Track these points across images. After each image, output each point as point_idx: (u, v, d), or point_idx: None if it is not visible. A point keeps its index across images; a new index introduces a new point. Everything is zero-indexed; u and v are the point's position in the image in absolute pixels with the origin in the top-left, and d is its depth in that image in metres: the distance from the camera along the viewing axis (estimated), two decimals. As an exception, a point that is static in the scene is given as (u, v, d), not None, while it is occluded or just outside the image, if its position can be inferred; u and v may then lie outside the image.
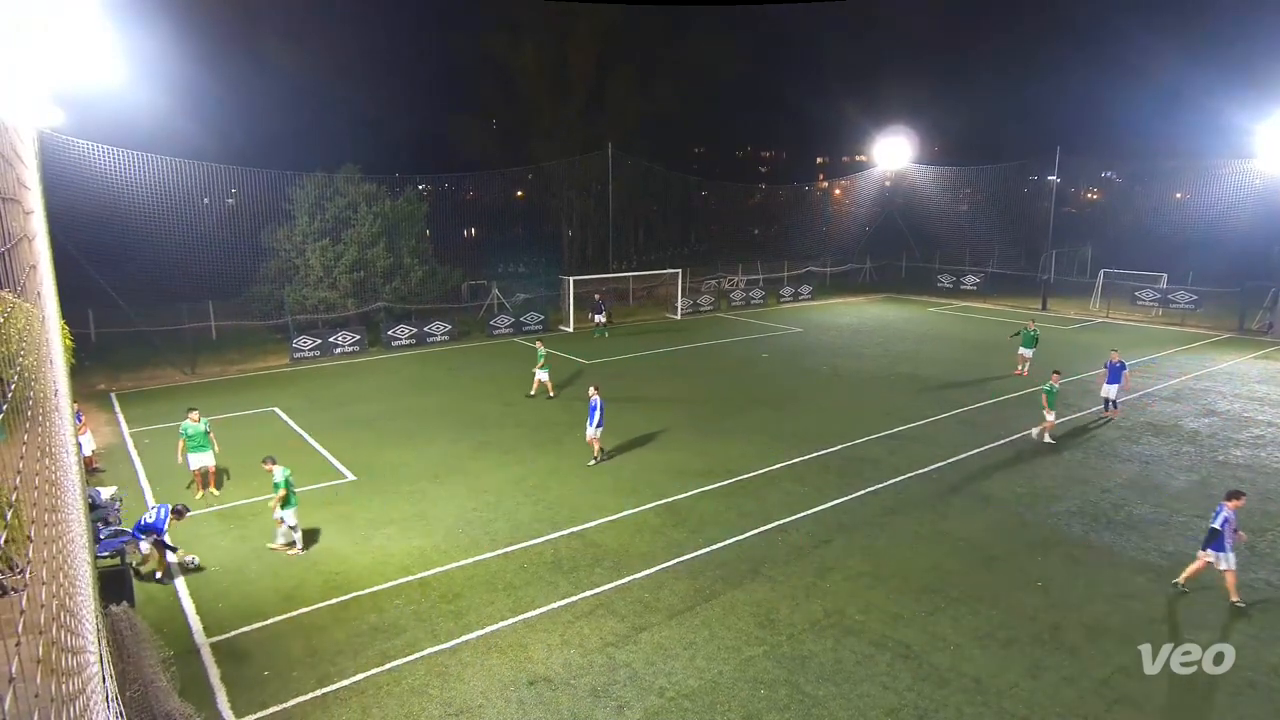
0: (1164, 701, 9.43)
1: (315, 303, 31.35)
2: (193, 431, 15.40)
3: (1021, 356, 25.56)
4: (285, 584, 12.16)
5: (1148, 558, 13.12)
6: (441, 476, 16.78)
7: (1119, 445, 18.83)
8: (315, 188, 31.66)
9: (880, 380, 25.47)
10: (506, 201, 50.63)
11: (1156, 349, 30.31)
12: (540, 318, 34.79)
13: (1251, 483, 16.38)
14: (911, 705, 9.32)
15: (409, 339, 31.04)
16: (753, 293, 42.75)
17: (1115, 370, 20.60)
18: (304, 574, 12.43)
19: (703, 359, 28.99)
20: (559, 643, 10.59)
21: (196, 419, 15.51)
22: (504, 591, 11.92)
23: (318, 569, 12.64)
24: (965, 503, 15.36)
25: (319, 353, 28.84)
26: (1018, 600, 11.70)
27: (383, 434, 19.63)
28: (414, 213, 34.34)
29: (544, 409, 21.97)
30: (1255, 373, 26.43)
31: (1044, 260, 43.80)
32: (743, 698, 9.47)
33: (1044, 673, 9.96)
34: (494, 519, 14.56)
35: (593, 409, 17.17)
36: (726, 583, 12.19)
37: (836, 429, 19.73)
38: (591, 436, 17.27)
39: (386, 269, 32.43)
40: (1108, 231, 52.94)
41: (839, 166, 71.96)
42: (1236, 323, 34.45)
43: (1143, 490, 16.03)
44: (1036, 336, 25.64)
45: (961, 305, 43.31)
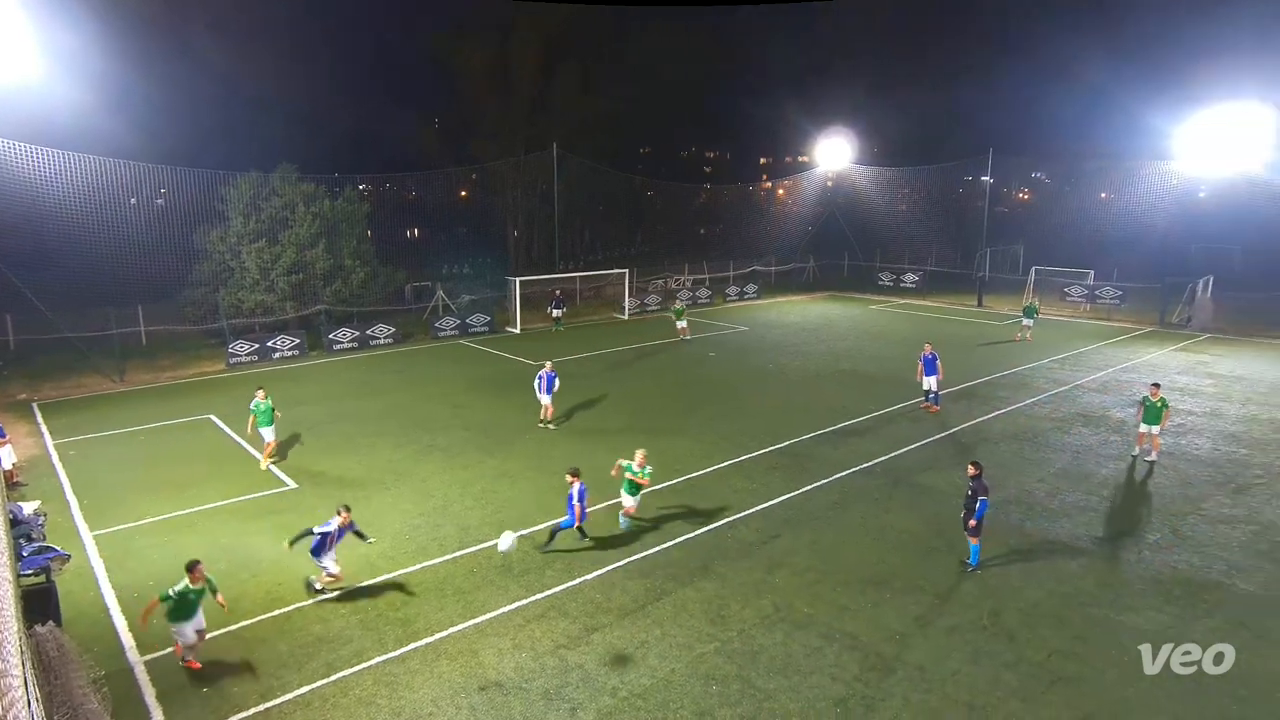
0: (1099, 681, 9.82)
1: (252, 306, 30.43)
2: (264, 408, 17.14)
3: (1024, 326, 31.76)
4: (225, 597, 11.76)
5: (1079, 544, 13.65)
6: (387, 482, 16.46)
7: (1051, 436, 19.54)
8: (250, 187, 30.74)
9: (824, 377, 25.93)
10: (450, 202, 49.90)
11: (1085, 343, 31.57)
12: (486, 319, 34.42)
13: (1174, 469, 17.21)
14: (859, 695, 9.52)
15: (351, 342, 30.37)
16: (699, 292, 43.05)
17: (930, 362, 21.14)
18: (244, 586, 12.05)
19: (651, 358, 29.08)
20: (510, 647, 10.50)
21: (264, 396, 17.29)
22: (453, 597, 11.76)
23: (259, 580, 12.27)
24: (907, 495, 15.75)
25: (257, 357, 27.99)
26: (959, 589, 12.05)
27: (325, 440, 19.16)
28: (354, 213, 33.62)
29: (493, 410, 21.75)
30: (1176, 364, 27.74)
31: (979, 258, 45.20)
32: (695, 694, 9.53)
33: (985, 658, 10.28)
34: (442, 524, 14.35)
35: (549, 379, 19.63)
36: (677, 581, 12.26)
37: (783, 426, 20.02)
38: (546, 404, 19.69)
39: (326, 271, 31.68)
40: (1038, 230, 54.90)
41: (782, 167, 72.93)
42: (1158, 317, 36.10)
43: (1074, 479, 16.68)
44: (1036, 309, 31.89)
45: (902, 303, 44.39)
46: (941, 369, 21.38)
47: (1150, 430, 17.34)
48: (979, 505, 12.24)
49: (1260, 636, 10.79)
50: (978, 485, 12.32)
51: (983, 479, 12.41)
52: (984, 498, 12.26)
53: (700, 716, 9.14)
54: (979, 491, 12.27)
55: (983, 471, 12.53)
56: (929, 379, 21.27)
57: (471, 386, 24.73)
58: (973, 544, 12.51)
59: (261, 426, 17.22)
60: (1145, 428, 17.41)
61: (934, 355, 21.31)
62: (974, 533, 12.41)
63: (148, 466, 17.34)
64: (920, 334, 33.11)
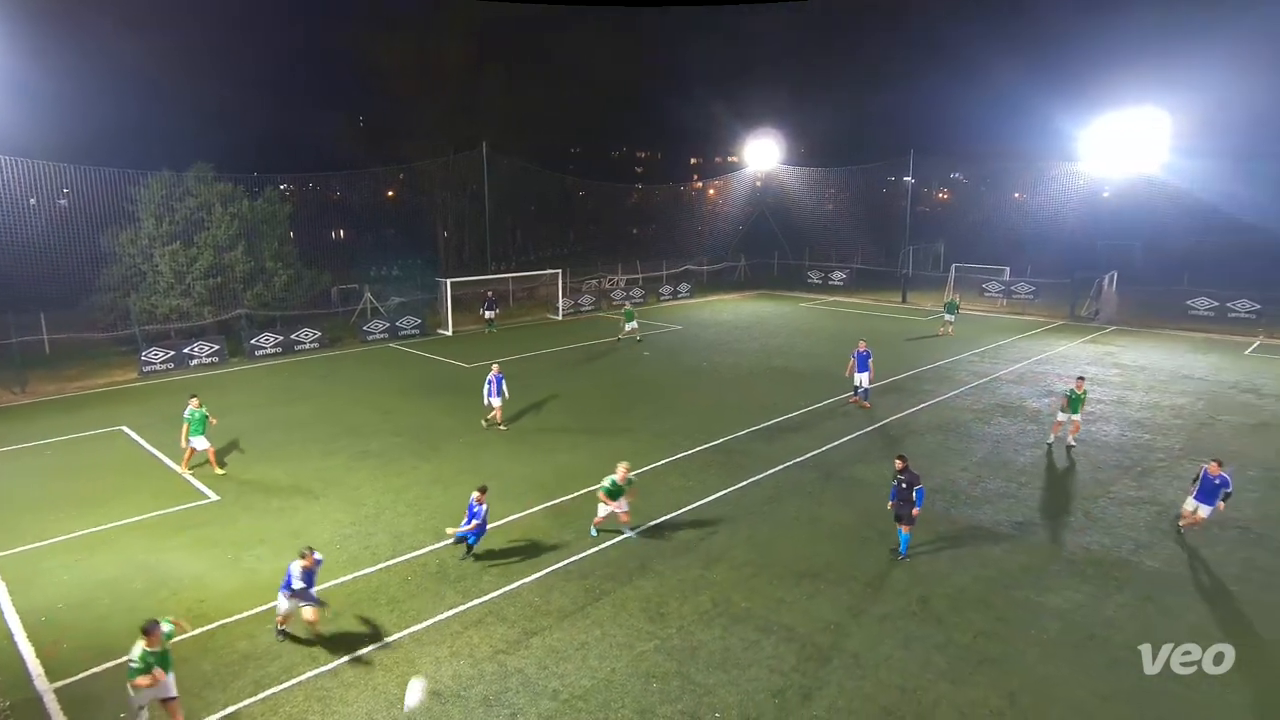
0: (1021, 660, 10.26)
1: (167, 311, 29.11)
2: (199, 416, 16.78)
3: (946, 322, 33.26)
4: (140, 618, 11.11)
5: (1001, 529, 14.24)
6: (316, 491, 15.97)
7: (973, 426, 20.32)
8: (162, 187, 29.37)
9: (757, 374, 26.35)
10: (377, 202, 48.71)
11: (1002, 336, 32.94)
12: (417, 321, 33.74)
13: (1085, 454, 18.12)
14: (796, 685, 9.71)
15: (275, 347, 29.34)
16: (633, 292, 43.16)
17: (863, 359, 21.69)
18: (163, 604, 11.49)
19: (585, 359, 29.01)
20: (448, 654, 10.32)
21: (198, 404, 16.88)
22: (387, 606, 11.49)
23: (179, 598, 11.73)
24: (839, 488, 16.14)
25: (173, 365, 26.76)
26: (888, 577, 12.42)
27: (249, 449, 18.45)
28: (276, 214, 32.48)
29: (426, 414, 21.33)
30: (1085, 355, 29.22)
31: (903, 256, 46.66)
32: (636, 693, 9.55)
33: (915, 642, 10.62)
34: (374, 532, 14.00)
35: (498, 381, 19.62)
36: (616, 580, 12.26)
37: (717, 423, 20.25)
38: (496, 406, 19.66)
39: (247, 273, 30.53)
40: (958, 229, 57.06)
41: (712, 167, 73.70)
42: (1069, 310, 37.96)
43: (994, 467, 17.38)
44: (957, 305, 33.89)
45: (831, 300, 45.47)
46: (873, 366, 21.96)
47: (1071, 418, 18.20)
48: (917, 494, 12.65)
49: (1164, 611, 11.46)
50: (910, 476, 12.71)
51: (910, 470, 12.81)
52: (920, 486, 12.69)
53: (641, 715, 9.17)
54: (913, 482, 12.68)
55: (909, 463, 12.94)
56: (861, 375, 21.76)
57: (403, 391, 24.20)
58: (904, 533, 12.91)
59: (194, 435, 16.76)
60: (1065, 416, 18.26)
61: (868, 352, 21.83)
62: (910, 521, 12.80)
63: (55, 482, 16.40)
64: (848, 330, 33.98)
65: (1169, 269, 42.78)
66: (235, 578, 12.34)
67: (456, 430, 19.90)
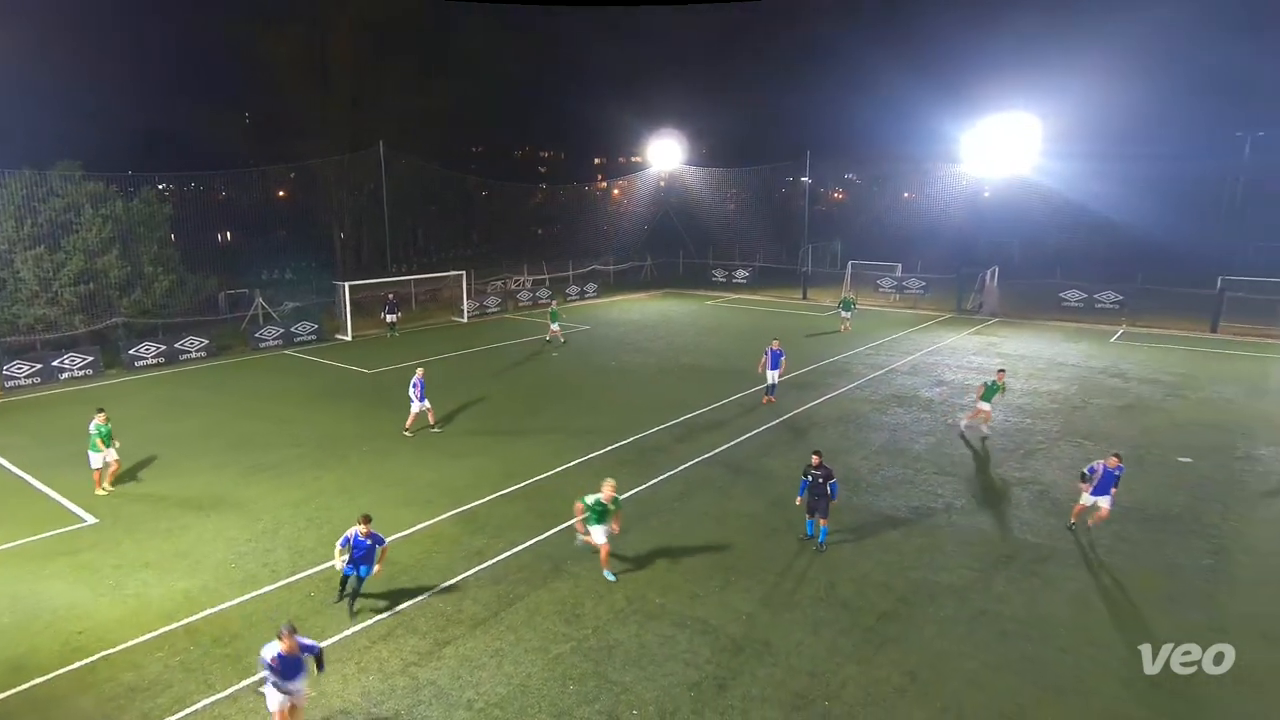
0: (919, 638, 10.77)
1: (31, 321, 26.89)
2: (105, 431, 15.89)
3: (843, 318, 34.31)
4: (10, 653, 10.31)
5: (899, 514, 14.90)
6: (206, 508, 15.09)
7: (872, 416, 21.19)
8: (22, 187, 27.05)
9: (666, 372, 26.63)
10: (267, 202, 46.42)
11: (896, 330, 34.49)
12: (314, 327, 32.39)
13: (974, 440, 19.19)
14: (711, 677, 9.87)
15: (157, 357, 27.55)
16: (539, 292, 42.83)
17: (776, 356, 22.27)
18: (37, 638, 10.61)
19: (492, 361, 28.58)
20: (355, 671, 9.97)
21: (104, 419, 16.01)
22: (289, 625, 10.97)
23: (54, 630, 10.85)
24: (748, 481, 16.51)
25: (39, 379, 24.73)
26: (797, 566, 12.80)
27: (130, 467, 17.24)
28: (154, 215, 30.46)
29: (327, 423, 20.51)
30: (972, 346, 30.95)
31: (802, 254, 48.18)
32: (552, 696, 9.49)
33: (823, 628, 10.98)
34: (272, 548, 13.36)
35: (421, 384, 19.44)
36: (529, 584, 12.14)
37: (627, 422, 20.34)
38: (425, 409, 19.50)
39: (123, 279, 28.53)
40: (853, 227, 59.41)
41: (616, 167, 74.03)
42: (955, 304, 40.10)
43: (892, 454, 18.18)
44: (853, 301, 35.16)
45: (735, 298, 46.44)
46: (784, 364, 22.51)
47: (981, 406, 19.13)
48: (831, 488, 13.04)
49: (1047, 583, 12.28)
50: (825, 471, 13.08)
51: (825, 464, 13.22)
52: (834, 481, 13.11)
53: (559, 717, 9.12)
54: (829, 476, 13.06)
55: (824, 458, 13.35)
56: (772, 372, 22.25)
57: (301, 399, 23.20)
58: (823, 525, 13.27)
59: (93, 451, 15.83)
60: (985, 405, 19.15)
61: (780, 351, 22.33)
62: (826, 514, 13.16)
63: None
64: (753, 327, 34.80)
65: (1044, 263, 45.96)
66: (118, 605, 11.52)
67: (360, 438, 19.23)
